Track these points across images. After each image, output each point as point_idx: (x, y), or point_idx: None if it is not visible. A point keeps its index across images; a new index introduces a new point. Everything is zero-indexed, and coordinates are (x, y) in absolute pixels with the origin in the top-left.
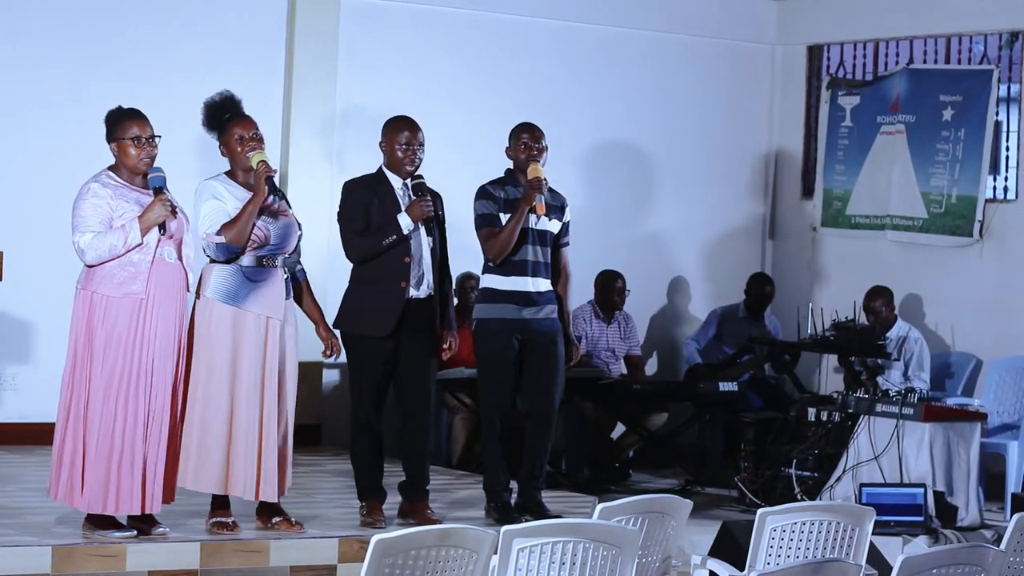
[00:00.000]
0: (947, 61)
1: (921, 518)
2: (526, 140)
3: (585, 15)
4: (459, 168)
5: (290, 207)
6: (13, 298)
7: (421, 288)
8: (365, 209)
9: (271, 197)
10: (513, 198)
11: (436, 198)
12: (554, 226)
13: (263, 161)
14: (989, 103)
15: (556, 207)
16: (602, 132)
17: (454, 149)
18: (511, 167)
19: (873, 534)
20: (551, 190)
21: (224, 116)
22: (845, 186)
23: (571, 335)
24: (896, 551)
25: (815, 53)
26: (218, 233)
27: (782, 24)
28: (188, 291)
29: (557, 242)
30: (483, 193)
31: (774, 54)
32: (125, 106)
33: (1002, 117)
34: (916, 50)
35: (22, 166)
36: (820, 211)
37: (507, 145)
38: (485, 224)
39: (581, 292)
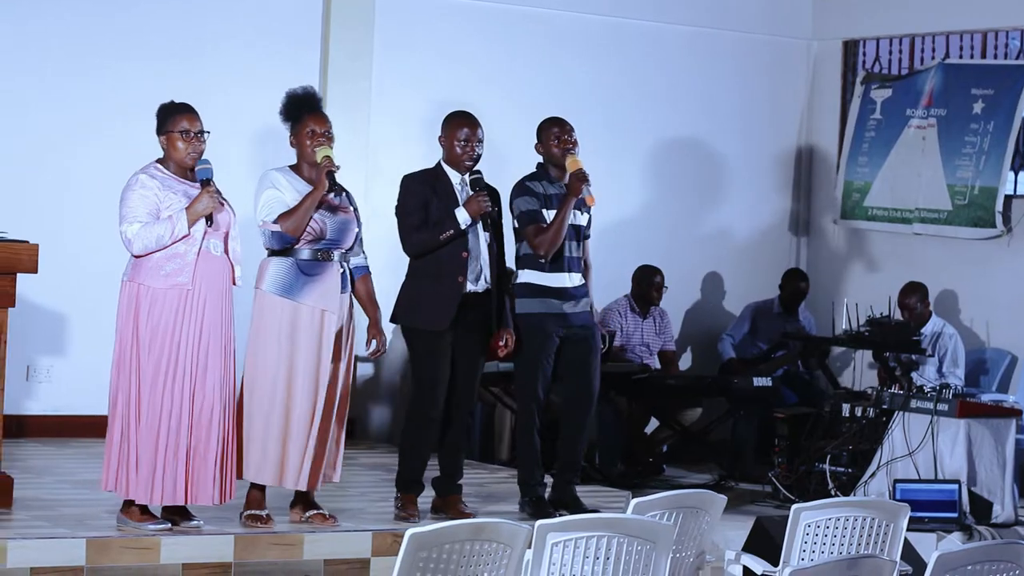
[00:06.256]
0: (983, 56)
1: (955, 514)
2: (557, 133)
3: (621, 10)
4: (495, 163)
5: (353, 204)
6: (47, 291)
7: (479, 283)
8: (423, 203)
9: (332, 193)
10: (550, 193)
11: (494, 195)
12: (584, 219)
13: (328, 156)
14: (1020, 97)
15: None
16: (638, 127)
17: (490, 144)
18: (541, 162)
19: (907, 530)
20: None
21: (302, 109)
22: (866, 178)
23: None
24: (931, 547)
25: (850, 48)
26: (275, 222)
27: (818, 19)
28: (235, 284)
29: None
30: (524, 189)
31: (810, 49)
32: (177, 100)
33: None
34: (952, 45)
35: (56, 160)
36: (840, 204)
37: (536, 142)
38: (531, 221)
39: (618, 286)
